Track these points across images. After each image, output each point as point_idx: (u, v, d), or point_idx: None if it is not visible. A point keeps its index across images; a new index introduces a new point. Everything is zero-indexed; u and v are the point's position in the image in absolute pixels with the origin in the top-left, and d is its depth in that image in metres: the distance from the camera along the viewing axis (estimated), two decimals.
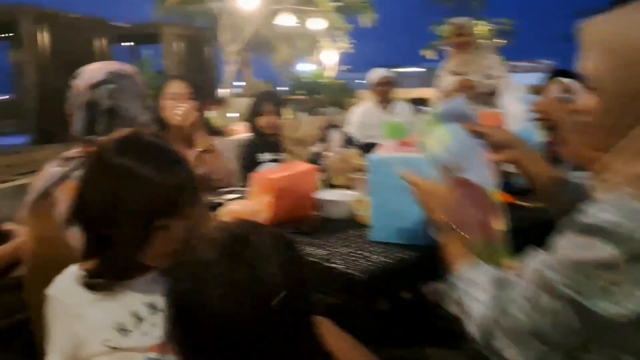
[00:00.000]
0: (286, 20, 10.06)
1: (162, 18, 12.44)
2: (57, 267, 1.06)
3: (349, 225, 1.72)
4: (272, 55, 13.83)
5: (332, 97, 11.59)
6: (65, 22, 10.15)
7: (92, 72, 1.36)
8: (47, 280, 1.05)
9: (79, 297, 0.98)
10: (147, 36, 13.07)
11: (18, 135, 9.55)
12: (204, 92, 2.42)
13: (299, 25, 11.04)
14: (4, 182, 4.25)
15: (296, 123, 3.30)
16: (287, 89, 13.21)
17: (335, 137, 2.28)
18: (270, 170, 1.88)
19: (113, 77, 1.35)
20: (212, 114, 9.87)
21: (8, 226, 1.88)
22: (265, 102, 2.91)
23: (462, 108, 1.28)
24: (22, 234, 1.52)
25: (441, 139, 1.20)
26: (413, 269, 1.46)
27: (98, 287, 0.98)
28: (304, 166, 1.88)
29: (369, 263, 1.40)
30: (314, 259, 1.44)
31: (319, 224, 1.73)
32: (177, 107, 2.29)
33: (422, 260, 1.45)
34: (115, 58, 11.48)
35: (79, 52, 9.92)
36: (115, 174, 0.96)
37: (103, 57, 10.96)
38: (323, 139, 2.30)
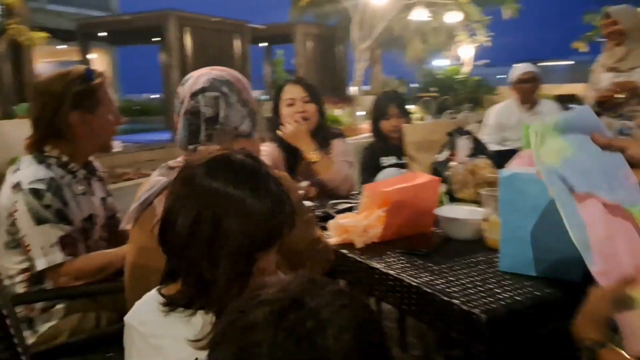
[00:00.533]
0: (419, 14, 9.74)
1: (296, 19, 12.74)
2: (154, 279, 1.00)
3: (474, 248, 1.49)
4: (404, 51, 13.53)
5: (468, 94, 11.03)
6: (207, 25, 10.84)
7: (195, 79, 1.29)
8: (144, 290, 1.00)
9: (157, 327, 0.91)
10: (280, 36, 13.53)
11: (165, 132, 10.40)
12: (333, 90, 2.33)
13: (431, 19, 10.63)
14: (144, 176, 4.55)
15: (422, 126, 3.08)
16: (418, 85, 12.86)
17: (464, 143, 2.02)
18: (385, 182, 1.71)
19: (215, 85, 1.27)
20: (341, 113, 9.91)
21: (128, 227, 1.93)
22: (389, 104, 2.74)
23: (588, 118, 1.06)
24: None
25: (558, 150, 1.00)
26: (548, 310, 1.20)
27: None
28: (424, 177, 1.68)
29: (494, 299, 1.18)
30: (428, 289, 1.25)
31: (438, 245, 1.53)
32: (292, 115, 2.21)
33: (560, 300, 1.19)
34: (252, 58, 12.05)
35: (220, 53, 10.54)
36: (208, 200, 0.88)
37: (241, 58, 11.56)
38: (449, 145, 2.06)
